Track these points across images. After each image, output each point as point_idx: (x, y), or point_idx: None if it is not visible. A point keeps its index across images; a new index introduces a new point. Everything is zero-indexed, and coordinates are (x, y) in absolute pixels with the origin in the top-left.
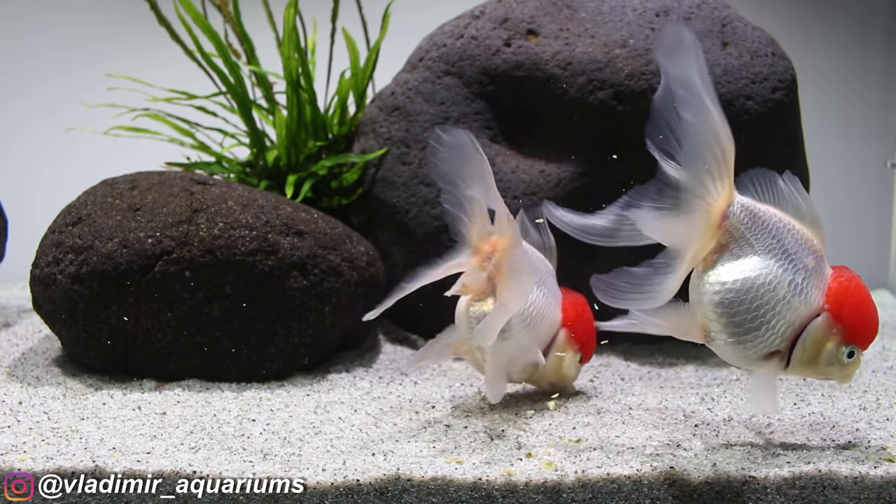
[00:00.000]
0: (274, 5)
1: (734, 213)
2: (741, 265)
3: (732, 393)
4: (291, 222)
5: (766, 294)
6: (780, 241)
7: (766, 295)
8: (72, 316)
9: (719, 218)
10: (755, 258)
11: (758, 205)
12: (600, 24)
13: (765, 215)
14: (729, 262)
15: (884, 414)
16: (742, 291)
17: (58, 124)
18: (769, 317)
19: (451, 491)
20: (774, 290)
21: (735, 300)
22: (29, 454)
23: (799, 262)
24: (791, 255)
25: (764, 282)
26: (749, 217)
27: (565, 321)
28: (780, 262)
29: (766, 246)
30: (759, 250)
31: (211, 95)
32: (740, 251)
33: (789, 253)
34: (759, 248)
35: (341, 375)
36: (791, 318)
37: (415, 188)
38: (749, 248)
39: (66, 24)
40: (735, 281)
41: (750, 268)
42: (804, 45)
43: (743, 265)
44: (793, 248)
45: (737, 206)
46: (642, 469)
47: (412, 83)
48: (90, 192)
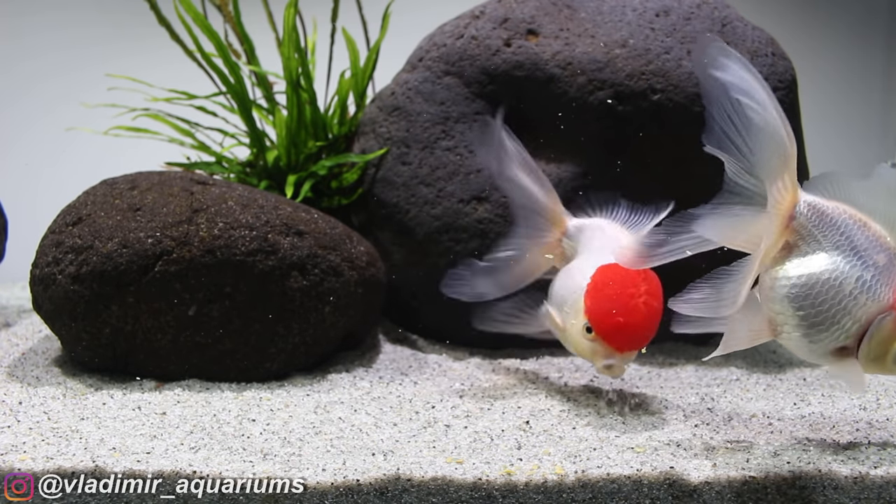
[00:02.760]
0: (274, 5)
1: (801, 211)
2: (808, 262)
3: (732, 393)
4: (291, 222)
5: (832, 290)
6: (848, 237)
7: (832, 291)
8: (72, 316)
9: (787, 218)
10: (822, 255)
11: (826, 202)
12: (600, 24)
13: (833, 212)
14: (797, 259)
15: (884, 414)
16: (807, 287)
17: (58, 124)
18: (834, 313)
19: (451, 491)
20: (840, 287)
21: (801, 295)
22: (29, 454)
23: (868, 259)
24: (860, 252)
25: (829, 278)
26: (816, 215)
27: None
28: (848, 259)
29: (834, 243)
30: (826, 247)
31: (211, 95)
32: (808, 248)
33: (858, 250)
34: (827, 244)
35: (341, 375)
36: (858, 315)
37: (415, 188)
38: (817, 245)
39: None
40: (801, 276)
41: (816, 264)
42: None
43: (810, 262)
44: (863, 245)
45: (803, 205)
46: (642, 469)
47: (412, 83)
48: (90, 192)
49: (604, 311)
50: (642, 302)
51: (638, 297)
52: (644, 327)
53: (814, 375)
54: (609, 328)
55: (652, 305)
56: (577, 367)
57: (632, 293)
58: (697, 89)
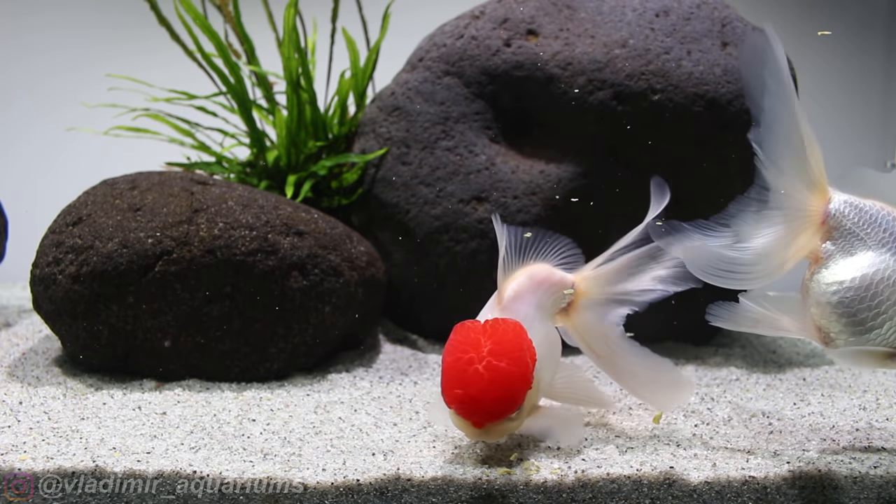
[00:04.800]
0: (274, 5)
1: (837, 209)
2: (856, 262)
3: (732, 393)
4: (291, 222)
5: (886, 289)
6: (892, 233)
7: (887, 290)
8: (72, 316)
9: (818, 216)
10: (870, 253)
11: (862, 200)
12: (600, 24)
13: (871, 209)
14: (843, 260)
15: (884, 414)
16: (861, 289)
17: (58, 124)
18: (892, 312)
19: (451, 491)
20: (894, 284)
21: (855, 298)
22: (29, 454)
23: None
24: None
25: (882, 276)
26: (855, 212)
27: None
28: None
29: (879, 240)
30: (871, 245)
31: (211, 95)
32: (852, 248)
33: None
34: (872, 242)
35: (341, 375)
36: None
37: (415, 188)
38: (861, 244)
39: (66, 24)
40: (853, 279)
41: (867, 263)
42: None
43: (858, 261)
44: None
45: (838, 203)
46: (642, 469)
47: (412, 83)
48: (90, 192)
49: (444, 383)
50: (482, 368)
51: (475, 364)
52: (489, 394)
53: (814, 375)
54: (451, 400)
55: (495, 366)
56: (577, 367)
57: (470, 359)
58: (697, 89)
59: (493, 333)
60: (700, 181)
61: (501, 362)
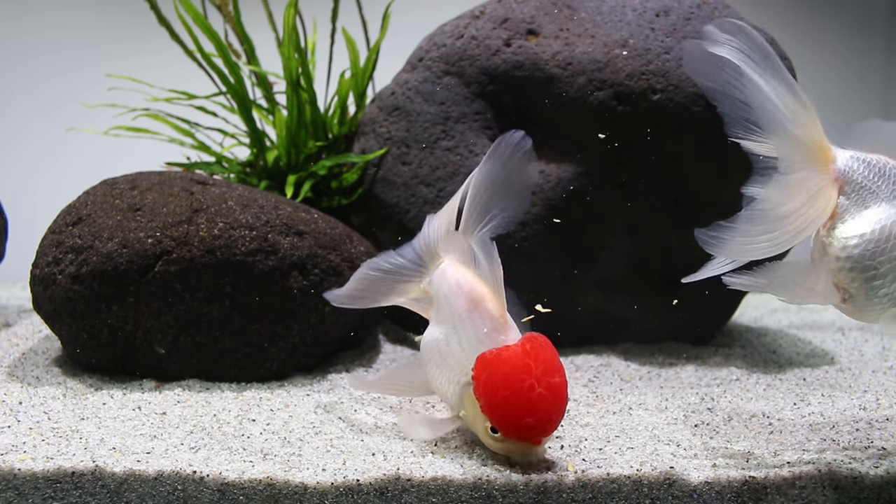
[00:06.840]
0: (274, 5)
1: (846, 165)
2: (874, 214)
3: (732, 393)
4: (291, 222)
5: None
6: None
7: None
8: (72, 316)
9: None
10: (885, 205)
11: (868, 154)
12: (600, 24)
13: (878, 163)
14: (859, 214)
15: (884, 414)
16: (882, 241)
17: (58, 124)
18: None
19: (451, 491)
20: None
21: (877, 250)
22: (29, 454)
23: None
24: None
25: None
26: (864, 167)
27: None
28: None
29: (893, 192)
30: (885, 197)
31: (211, 95)
32: (866, 202)
33: None
34: (885, 194)
35: (341, 375)
36: None
37: (415, 188)
38: (874, 197)
39: (66, 24)
40: (873, 231)
41: (886, 216)
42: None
43: (876, 214)
44: None
45: (849, 159)
46: (642, 469)
47: (412, 83)
48: (90, 192)
49: (507, 418)
50: (543, 390)
51: (537, 388)
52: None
53: (814, 375)
54: (519, 431)
55: (552, 383)
56: (577, 367)
57: (530, 385)
58: (697, 89)
59: (535, 353)
60: (700, 181)
61: (555, 378)
